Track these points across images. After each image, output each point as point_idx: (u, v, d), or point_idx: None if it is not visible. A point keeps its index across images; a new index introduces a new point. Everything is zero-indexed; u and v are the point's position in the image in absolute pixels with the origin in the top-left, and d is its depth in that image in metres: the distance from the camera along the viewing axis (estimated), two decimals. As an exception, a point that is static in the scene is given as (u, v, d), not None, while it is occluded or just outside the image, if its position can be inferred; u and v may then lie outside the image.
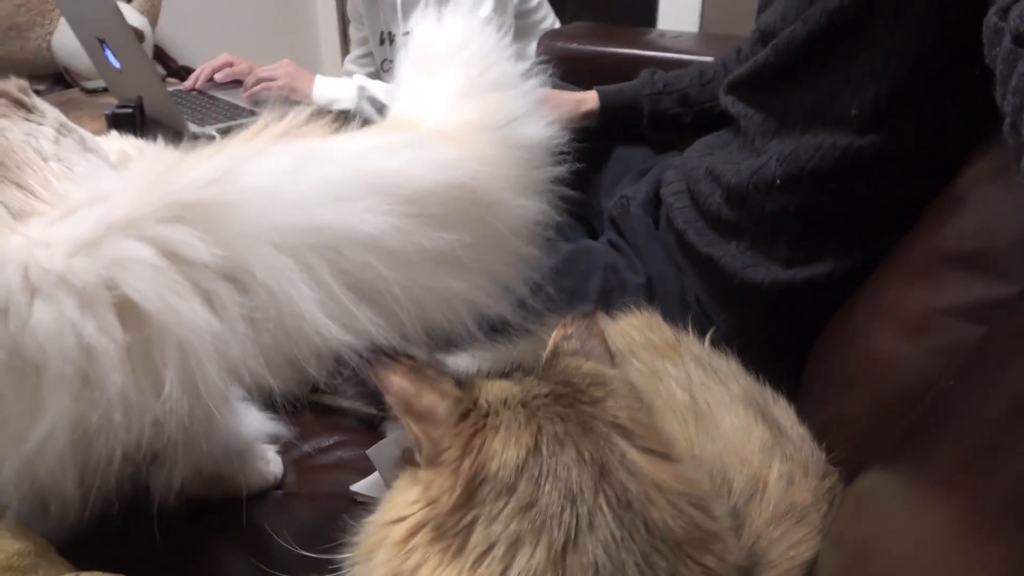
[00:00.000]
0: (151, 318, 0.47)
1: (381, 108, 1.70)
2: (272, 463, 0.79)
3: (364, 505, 0.73)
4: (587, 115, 1.27)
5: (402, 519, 0.44)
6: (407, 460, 0.48)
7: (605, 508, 0.40)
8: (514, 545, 0.39)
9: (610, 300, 1.02)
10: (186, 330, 0.47)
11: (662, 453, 0.45)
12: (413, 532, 0.43)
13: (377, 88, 1.72)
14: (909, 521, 0.50)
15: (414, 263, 0.53)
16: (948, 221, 0.69)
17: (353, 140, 0.60)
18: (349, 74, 2.14)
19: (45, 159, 0.60)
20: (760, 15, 1.04)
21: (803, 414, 0.75)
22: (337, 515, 0.67)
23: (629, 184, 1.21)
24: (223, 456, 0.68)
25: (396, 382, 0.45)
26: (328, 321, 0.49)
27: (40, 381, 0.46)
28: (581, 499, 0.40)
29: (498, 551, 0.39)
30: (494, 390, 0.46)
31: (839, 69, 0.85)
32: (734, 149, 1.03)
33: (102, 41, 1.48)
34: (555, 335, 0.54)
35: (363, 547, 0.47)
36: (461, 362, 0.83)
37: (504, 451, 0.42)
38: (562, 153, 0.74)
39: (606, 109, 1.26)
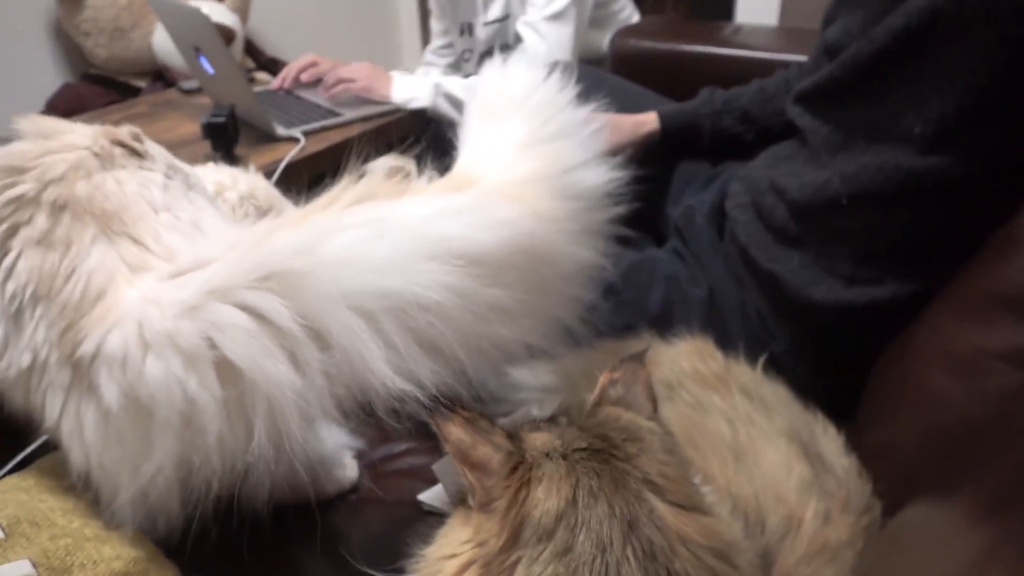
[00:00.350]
0: (244, 376, 0.54)
1: (458, 104, 1.75)
2: (349, 468, 0.86)
3: (429, 515, 0.80)
4: (647, 137, 1.28)
5: (455, 556, 0.49)
6: (461, 501, 0.53)
7: (631, 558, 0.44)
8: None
9: (671, 313, 1.05)
10: (274, 387, 0.54)
11: (689, 506, 0.48)
12: (463, 568, 0.48)
13: (453, 85, 1.76)
14: (932, 560, 0.52)
15: (472, 318, 0.58)
16: (1004, 262, 0.68)
17: (420, 204, 0.64)
18: (429, 64, 2.20)
19: (156, 211, 0.67)
20: (825, 28, 1.03)
21: (856, 440, 0.76)
22: (405, 523, 0.74)
23: (695, 193, 1.23)
24: (307, 469, 0.76)
25: (454, 433, 0.51)
26: (394, 375, 0.56)
27: (151, 424, 0.55)
28: (611, 549, 0.45)
29: None
30: (537, 442, 0.51)
31: (904, 87, 0.85)
32: (799, 161, 1.03)
33: (197, 49, 1.58)
34: (603, 380, 0.59)
35: None
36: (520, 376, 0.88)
37: (546, 500, 0.47)
38: (621, 187, 0.76)
39: (666, 131, 1.28)
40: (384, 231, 0.59)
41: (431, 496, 0.82)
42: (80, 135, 0.70)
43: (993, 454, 0.53)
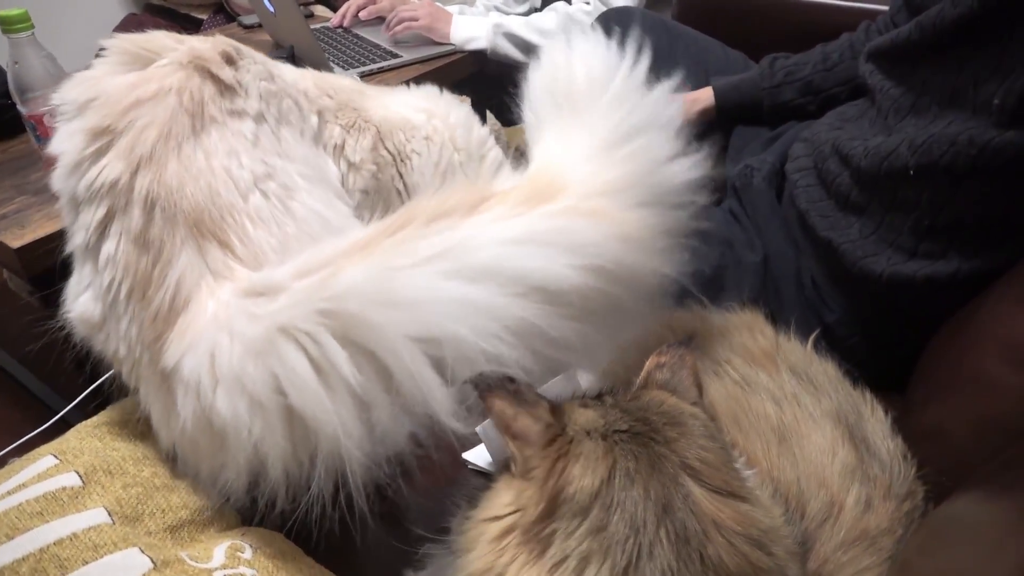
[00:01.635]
0: (308, 422, 0.56)
1: (520, 43, 1.71)
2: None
3: (475, 475, 0.82)
4: (703, 114, 1.24)
5: (498, 518, 0.52)
6: (505, 467, 0.55)
7: (664, 541, 0.46)
8: (584, 560, 0.46)
9: (724, 277, 1.04)
10: (338, 432, 0.56)
11: (727, 492, 0.49)
12: (506, 532, 0.50)
13: (514, 24, 1.72)
14: (980, 561, 0.52)
15: (537, 350, 0.58)
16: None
17: (500, 227, 0.60)
18: (491, -1, 2.15)
19: (244, 196, 0.68)
20: None
21: (904, 417, 0.76)
22: (452, 482, 0.77)
23: (755, 152, 1.19)
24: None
25: (498, 404, 0.53)
26: (450, 404, 0.57)
27: (224, 445, 0.59)
28: (644, 531, 0.46)
29: (571, 563, 0.46)
30: (581, 419, 0.53)
31: (988, 55, 0.80)
32: (865, 123, 1.00)
33: (258, -14, 1.58)
34: (649, 363, 0.59)
35: (466, 538, 0.55)
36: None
37: (582, 478, 0.48)
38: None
39: (723, 108, 1.23)
40: (460, 267, 0.57)
41: (475, 456, 0.84)
42: (169, 71, 0.70)
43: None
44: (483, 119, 1.99)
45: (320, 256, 0.61)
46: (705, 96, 1.25)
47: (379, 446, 0.59)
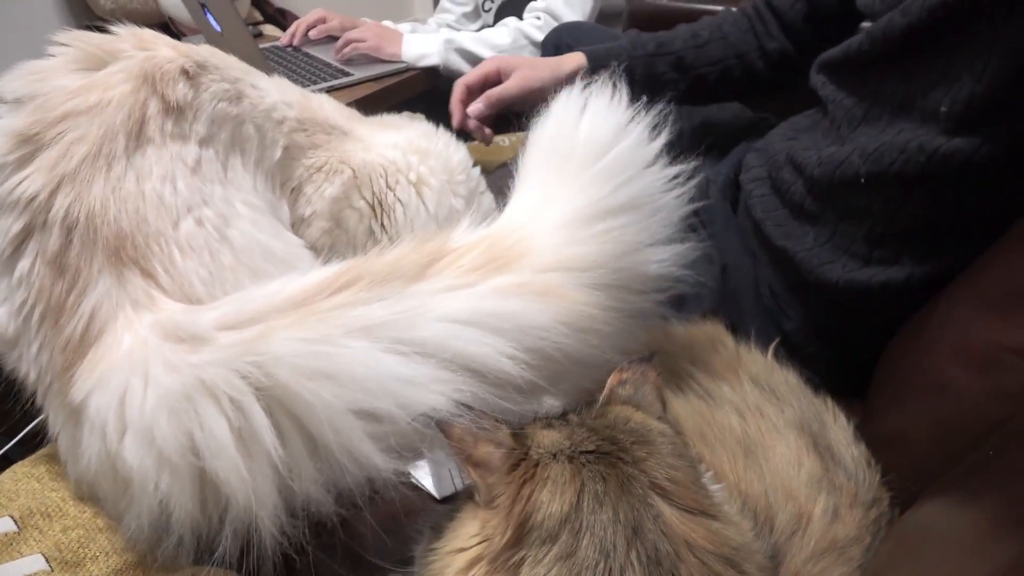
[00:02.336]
0: (220, 488, 0.53)
1: (471, 59, 1.71)
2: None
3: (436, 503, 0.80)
4: (571, 75, 1.14)
5: (463, 550, 0.50)
6: (469, 496, 0.53)
7: (636, 564, 0.45)
8: None
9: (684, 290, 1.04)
10: (253, 498, 0.53)
11: (698, 510, 0.48)
12: (472, 564, 0.49)
13: (466, 39, 1.72)
14: (952, 570, 0.52)
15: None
16: (1025, 254, 0.67)
17: (449, 299, 0.57)
18: (443, 13, 2.14)
19: (176, 222, 0.64)
20: None
21: (865, 423, 0.76)
22: (414, 512, 0.74)
23: (710, 164, 1.20)
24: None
25: (457, 432, 0.51)
26: (390, 471, 0.55)
27: (127, 492, 0.55)
28: (614, 555, 0.45)
29: None
30: (546, 441, 0.51)
31: (935, 64, 0.82)
32: (818, 134, 1.00)
33: (204, 6, 1.54)
34: (612, 379, 0.58)
35: (430, 570, 0.53)
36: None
37: (550, 504, 0.47)
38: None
39: (595, 71, 1.20)
40: (401, 341, 0.54)
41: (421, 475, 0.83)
42: (116, 82, 0.66)
43: (1020, 461, 0.52)
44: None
45: (251, 308, 0.57)
46: (576, 58, 1.17)
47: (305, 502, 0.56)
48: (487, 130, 1.16)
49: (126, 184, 0.63)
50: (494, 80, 1.14)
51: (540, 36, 1.65)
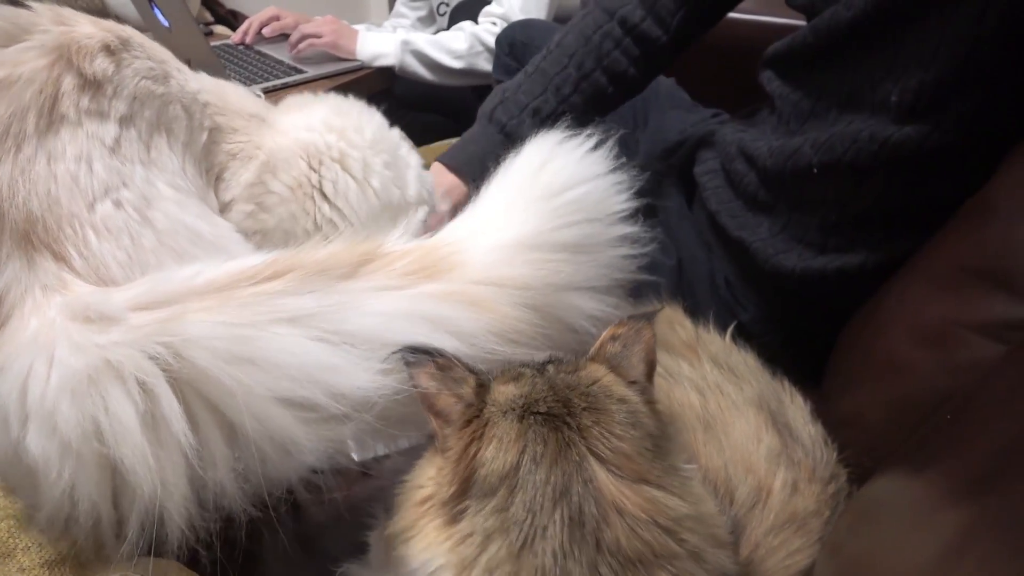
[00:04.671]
0: (127, 476, 0.50)
1: (427, 61, 1.70)
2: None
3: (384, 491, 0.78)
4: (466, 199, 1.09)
5: (421, 487, 0.52)
6: (431, 438, 0.55)
7: (558, 522, 0.46)
8: (487, 538, 0.47)
9: (640, 281, 1.03)
10: (161, 488, 0.50)
11: (638, 479, 0.49)
12: (424, 501, 0.51)
13: (422, 42, 1.71)
14: (907, 539, 0.52)
15: (403, 418, 0.56)
16: (975, 232, 0.68)
17: (381, 299, 0.57)
18: (399, 17, 2.13)
19: (91, 203, 0.60)
20: None
21: (822, 406, 0.76)
22: (368, 497, 0.72)
23: (664, 158, 1.21)
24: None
25: (423, 379, 0.52)
26: (320, 457, 0.54)
27: (36, 480, 0.51)
28: (540, 513, 0.47)
29: (476, 538, 0.47)
30: (502, 397, 0.52)
31: (883, 55, 0.83)
32: (768, 127, 1.02)
33: (151, 1, 1.51)
34: (606, 333, 0.58)
35: (398, 500, 0.54)
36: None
37: (493, 461, 0.49)
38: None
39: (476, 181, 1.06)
40: (330, 331, 0.53)
41: None
42: (30, 57, 0.62)
43: (970, 430, 0.53)
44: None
45: (167, 288, 0.55)
46: (454, 187, 1.13)
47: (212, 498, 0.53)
48: None
49: (36, 166, 0.60)
50: None
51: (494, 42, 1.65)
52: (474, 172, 1.11)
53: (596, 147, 0.67)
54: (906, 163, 0.82)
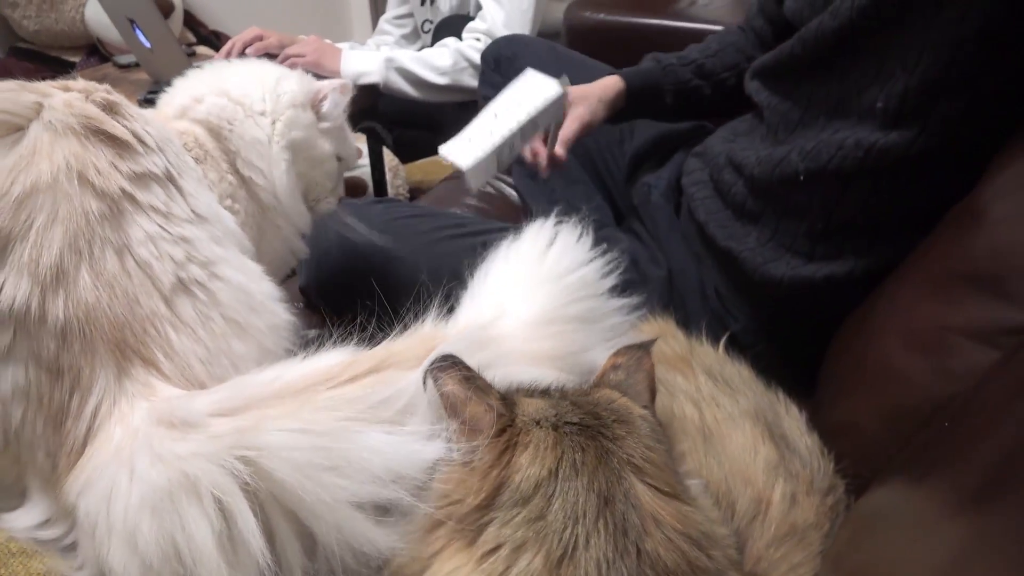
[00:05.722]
0: None
1: (411, 78, 1.70)
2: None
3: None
4: (617, 97, 1.21)
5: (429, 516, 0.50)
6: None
7: (602, 531, 0.45)
8: (518, 549, 0.45)
9: (631, 294, 1.03)
10: None
11: (669, 492, 0.48)
12: (437, 525, 0.49)
13: (406, 59, 1.71)
14: (910, 551, 0.51)
15: None
16: (964, 237, 0.68)
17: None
18: (383, 35, 2.13)
19: (168, 298, 0.60)
20: (785, 1, 1.01)
21: (816, 415, 0.76)
22: None
23: (650, 171, 1.21)
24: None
25: (450, 386, 0.51)
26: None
27: None
28: (583, 521, 0.45)
29: (504, 551, 0.45)
30: (531, 408, 0.51)
31: (869, 62, 0.84)
32: (756, 137, 1.02)
33: (132, 21, 1.50)
34: (607, 362, 0.59)
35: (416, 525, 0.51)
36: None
37: (529, 467, 0.47)
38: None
39: (632, 91, 1.22)
40: (400, 421, 0.53)
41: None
42: (49, 141, 0.59)
43: (970, 437, 0.53)
44: (380, 156, 1.96)
45: (246, 393, 0.54)
46: (614, 82, 1.22)
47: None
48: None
49: (107, 264, 0.58)
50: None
51: (479, 58, 1.65)
52: (632, 80, 1.20)
53: (582, 235, 0.75)
54: (892, 169, 0.82)
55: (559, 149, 1.08)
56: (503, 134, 1.01)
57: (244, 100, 0.86)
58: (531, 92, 1.06)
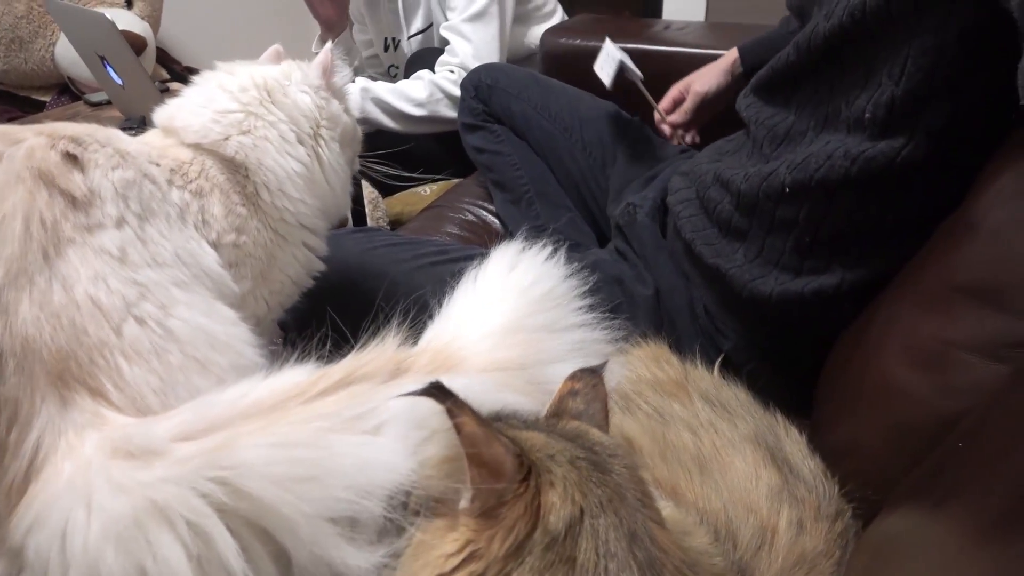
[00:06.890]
0: None
1: (387, 108, 1.69)
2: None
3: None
4: (730, 70, 1.29)
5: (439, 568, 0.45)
6: (431, 511, 0.48)
7: (635, 567, 0.43)
8: None
9: (618, 314, 1.01)
10: None
11: (662, 523, 0.47)
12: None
13: (382, 90, 1.70)
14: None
15: None
16: (960, 249, 0.67)
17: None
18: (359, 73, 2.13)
19: (118, 328, 0.58)
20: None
21: (815, 436, 0.74)
22: None
23: (635, 191, 1.19)
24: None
25: (468, 425, 0.45)
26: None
27: None
28: (616, 559, 0.43)
29: None
30: (536, 443, 0.48)
31: (856, 73, 0.83)
32: (743, 156, 1.01)
33: (103, 58, 1.48)
34: (563, 387, 0.55)
35: None
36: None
37: (561, 507, 0.44)
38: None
39: (747, 64, 1.26)
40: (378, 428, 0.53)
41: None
42: (7, 187, 0.60)
43: (988, 460, 0.50)
44: (359, 189, 1.94)
45: (212, 413, 0.53)
46: (730, 54, 1.26)
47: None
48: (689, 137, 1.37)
49: (54, 296, 0.57)
50: (680, 99, 1.34)
51: (455, 89, 1.65)
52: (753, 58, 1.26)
53: (552, 252, 0.75)
54: (877, 180, 0.81)
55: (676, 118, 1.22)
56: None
57: (288, 136, 0.86)
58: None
